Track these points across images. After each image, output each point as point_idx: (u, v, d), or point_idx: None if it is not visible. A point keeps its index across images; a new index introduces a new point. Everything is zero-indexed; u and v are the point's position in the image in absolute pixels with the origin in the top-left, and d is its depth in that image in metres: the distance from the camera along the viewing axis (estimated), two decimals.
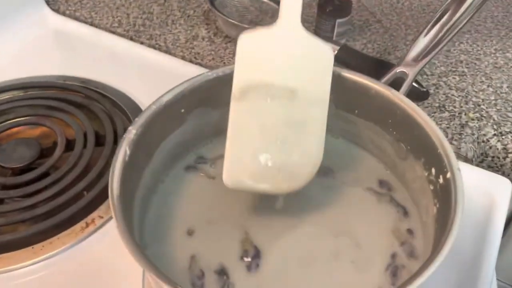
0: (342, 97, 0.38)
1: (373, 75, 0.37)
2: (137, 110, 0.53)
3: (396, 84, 0.38)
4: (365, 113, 0.38)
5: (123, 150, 0.32)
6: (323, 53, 0.34)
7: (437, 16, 0.40)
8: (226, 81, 0.38)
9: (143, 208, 0.35)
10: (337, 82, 0.37)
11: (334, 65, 0.35)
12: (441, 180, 0.31)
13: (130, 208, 0.32)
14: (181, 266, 0.32)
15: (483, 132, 0.53)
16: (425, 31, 0.40)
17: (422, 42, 0.39)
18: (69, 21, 0.69)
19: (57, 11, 0.71)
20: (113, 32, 0.67)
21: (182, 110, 0.37)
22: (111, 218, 0.43)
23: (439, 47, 0.39)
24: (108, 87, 0.57)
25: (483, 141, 0.52)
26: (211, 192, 0.37)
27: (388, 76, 0.38)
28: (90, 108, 0.53)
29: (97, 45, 0.66)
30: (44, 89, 0.57)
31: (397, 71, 0.38)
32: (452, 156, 0.30)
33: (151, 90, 0.40)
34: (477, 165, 0.51)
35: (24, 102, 0.55)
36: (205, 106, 0.39)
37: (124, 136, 0.32)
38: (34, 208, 0.43)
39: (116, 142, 0.49)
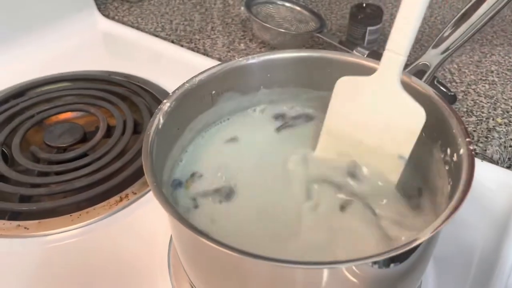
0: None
1: None
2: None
3: (418, 75, 0.40)
4: None
5: (157, 119, 0.35)
6: (415, 114, 0.34)
7: (459, 14, 0.42)
8: (258, 68, 0.41)
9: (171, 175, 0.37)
10: (360, 72, 0.39)
11: (356, 55, 0.37)
12: (455, 158, 0.32)
13: (160, 170, 0.34)
14: None
15: (510, 137, 0.53)
16: (448, 27, 0.41)
17: (445, 37, 0.41)
18: (117, 25, 0.75)
19: (107, 16, 0.77)
20: (156, 36, 0.72)
21: (213, 92, 0.40)
22: (144, 194, 0.46)
23: (460, 42, 0.40)
24: (148, 82, 0.61)
25: (510, 146, 0.52)
26: None
27: (411, 67, 0.40)
28: (132, 99, 0.57)
29: (141, 46, 0.71)
30: (91, 81, 0.62)
31: (420, 63, 0.40)
32: (465, 133, 0.31)
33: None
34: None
35: (72, 91, 0.60)
36: (235, 90, 0.41)
37: (159, 107, 0.36)
38: (74, 182, 0.47)
39: None
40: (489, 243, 0.43)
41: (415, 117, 0.34)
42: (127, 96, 0.58)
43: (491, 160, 0.51)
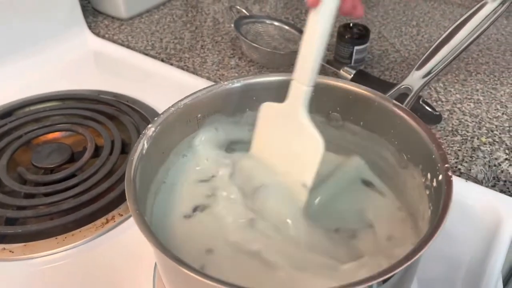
0: (348, 109, 0.41)
1: None
2: None
3: (401, 99, 0.41)
4: (370, 125, 0.40)
5: (141, 144, 0.35)
6: (315, 144, 0.35)
7: (441, 39, 0.42)
8: (242, 91, 0.41)
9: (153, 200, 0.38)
10: (343, 95, 0.40)
11: (344, 79, 0.38)
12: (435, 183, 0.32)
13: (143, 196, 0.34)
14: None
15: (494, 156, 0.53)
16: (429, 51, 0.42)
17: (426, 61, 0.42)
18: (107, 44, 0.75)
19: (97, 34, 0.77)
20: (146, 54, 0.73)
21: (199, 115, 0.40)
22: (130, 216, 0.46)
23: (442, 66, 0.41)
24: (138, 101, 0.61)
25: (495, 165, 0.53)
26: None
27: (393, 90, 0.40)
28: (120, 119, 0.58)
29: (130, 65, 0.71)
30: (80, 101, 0.62)
31: (402, 86, 0.41)
32: (444, 158, 0.32)
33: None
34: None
35: (60, 111, 0.60)
36: (221, 113, 0.42)
37: (143, 132, 0.36)
38: (60, 204, 0.46)
39: None
40: (475, 262, 0.43)
41: (315, 147, 0.35)
42: (116, 115, 0.58)
43: (475, 180, 0.51)
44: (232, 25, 0.77)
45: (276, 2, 0.88)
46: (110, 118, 0.58)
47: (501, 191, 0.52)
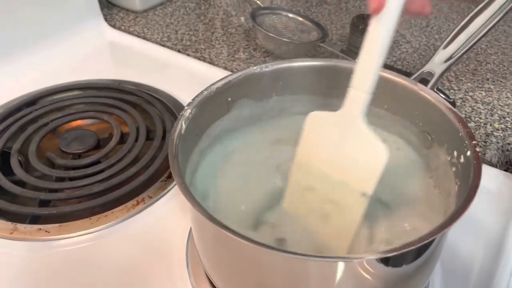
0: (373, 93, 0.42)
1: None
2: (179, 109, 0.58)
3: (423, 83, 0.42)
4: (394, 108, 0.42)
5: (180, 124, 0.37)
6: (378, 153, 0.34)
7: (460, 26, 0.44)
8: (270, 76, 0.43)
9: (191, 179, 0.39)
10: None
11: None
12: (462, 160, 0.34)
13: (183, 173, 0.36)
14: None
15: (507, 141, 0.55)
16: (449, 38, 0.44)
17: (447, 47, 0.43)
18: (124, 35, 0.77)
19: (113, 26, 0.79)
20: (163, 46, 0.74)
21: (229, 99, 0.42)
22: (159, 198, 0.48)
23: (462, 52, 0.43)
24: (158, 90, 0.63)
25: (508, 150, 0.55)
26: None
27: (416, 74, 0.42)
28: (143, 107, 0.59)
29: (148, 56, 0.72)
30: (102, 90, 0.63)
31: (424, 71, 0.42)
32: (471, 136, 0.33)
33: (192, 95, 0.45)
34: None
35: (83, 99, 0.61)
36: (249, 97, 0.43)
37: (181, 113, 0.37)
38: (91, 187, 0.48)
39: (164, 137, 0.54)
40: (492, 238, 0.45)
41: (378, 155, 0.34)
42: (139, 103, 0.60)
43: (490, 163, 0.53)
44: (243, 18, 0.79)
45: None
46: (133, 106, 0.59)
47: None
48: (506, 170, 0.55)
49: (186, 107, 0.38)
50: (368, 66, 0.33)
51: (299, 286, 0.31)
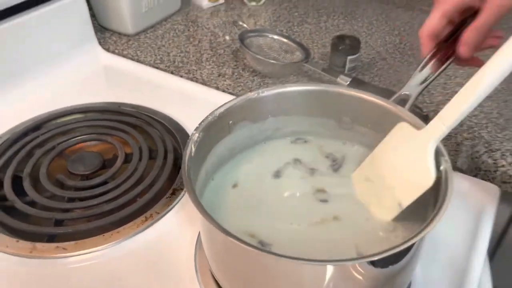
0: (358, 114, 0.48)
1: None
2: (181, 131, 0.63)
3: (401, 103, 0.48)
4: (377, 126, 0.47)
5: (190, 148, 0.41)
6: (427, 177, 0.39)
7: (433, 51, 0.50)
8: (266, 100, 0.48)
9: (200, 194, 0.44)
10: (354, 102, 0.47)
11: (353, 87, 0.45)
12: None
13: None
14: None
15: (475, 150, 0.62)
16: (424, 62, 0.50)
17: (422, 70, 0.49)
18: (117, 58, 0.81)
19: (107, 50, 0.83)
20: (156, 68, 0.79)
21: (230, 122, 0.47)
22: (165, 213, 0.52)
23: (435, 75, 0.49)
24: (156, 111, 0.67)
25: (476, 157, 0.61)
26: None
27: (395, 96, 0.48)
28: (143, 128, 0.63)
29: (143, 78, 0.77)
30: (102, 112, 0.67)
31: (402, 93, 0.48)
32: (444, 152, 0.39)
33: (191, 115, 0.50)
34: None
35: (86, 123, 0.65)
36: (248, 119, 0.48)
37: (190, 137, 0.42)
38: (102, 205, 0.52)
39: (166, 156, 0.59)
40: (465, 235, 0.51)
41: (426, 180, 0.39)
42: (139, 125, 0.64)
43: (461, 170, 0.59)
44: (227, 37, 0.84)
45: (269, 15, 0.95)
46: (133, 127, 0.63)
47: (482, 179, 0.61)
48: (475, 176, 0.61)
49: (194, 132, 0.43)
50: (459, 106, 0.39)
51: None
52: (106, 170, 0.57)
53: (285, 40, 0.78)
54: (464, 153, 0.61)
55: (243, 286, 0.41)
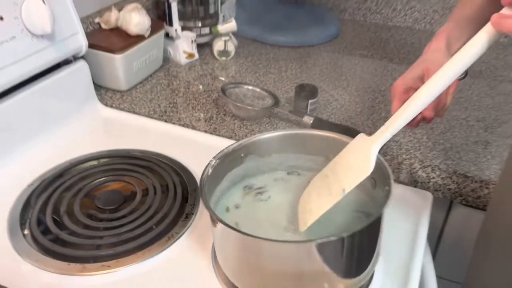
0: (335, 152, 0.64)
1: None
2: (183, 168, 0.78)
3: None
4: None
5: (207, 170, 0.56)
6: (366, 167, 0.52)
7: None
8: (269, 141, 0.64)
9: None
10: (337, 143, 0.63)
11: (316, 124, 0.62)
12: (386, 188, 0.56)
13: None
14: None
15: (413, 167, 0.81)
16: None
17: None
18: (116, 112, 0.95)
19: (106, 105, 0.97)
20: (151, 117, 0.93)
21: (242, 154, 0.62)
22: (183, 233, 0.66)
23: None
24: (159, 154, 0.82)
25: (414, 172, 0.80)
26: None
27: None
28: (152, 168, 0.78)
29: (141, 127, 0.91)
30: (113, 158, 0.81)
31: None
32: (391, 176, 0.56)
33: (188, 155, 0.64)
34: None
35: (102, 167, 0.78)
36: (256, 154, 0.64)
37: (209, 162, 0.57)
38: (132, 231, 0.65)
39: (175, 190, 0.73)
40: (406, 235, 0.68)
41: (365, 169, 0.52)
42: (148, 166, 0.78)
43: (403, 183, 0.78)
44: (201, 86, 1.00)
45: (238, 68, 1.13)
46: (144, 168, 0.78)
47: (420, 188, 0.80)
48: (414, 186, 0.80)
49: (212, 158, 0.58)
50: (394, 122, 0.53)
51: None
52: (128, 204, 0.71)
53: (257, 89, 0.96)
54: (404, 169, 0.80)
55: (244, 273, 0.55)
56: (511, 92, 1.03)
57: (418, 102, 0.52)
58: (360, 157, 0.54)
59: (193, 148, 0.84)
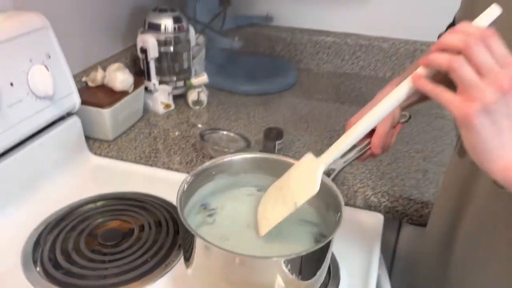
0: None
1: None
2: (173, 206, 0.90)
3: (328, 174, 0.74)
4: None
5: (183, 185, 0.67)
6: (314, 186, 0.61)
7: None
8: (238, 162, 0.76)
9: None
10: (278, 164, 0.78)
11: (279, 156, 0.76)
12: (338, 214, 0.71)
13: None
14: None
15: (366, 193, 0.96)
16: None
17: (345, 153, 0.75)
18: (105, 159, 1.06)
19: (95, 154, 1.08)
20: (138, 163, 1.05)
21: (213, 173, 0.74)
22: (178, 260, 0.77)
23: (354, 158, 0.73)
24: (150, 194, 0.93)
25: (367, 198, 0.96)
26: None
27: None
28: (145, 207, 0.89)
29: (128, 172, 1.02)
30: (109, 200, 0.91)
31: (330, 168, 0.76)
32: (342, 205, 0.69)
33: (174, 194, 0.74)
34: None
35: (99, 209, 0.89)
36: (226, 173, 0.75)
37: (184, 179, 0.69)
38: (134, 261, 0.76)
39: (168, 225, 0.84)
40: (362, 252, 0.83)
41: (314, 188, 0.61)
42: (141, 205, 0.89)
43: (359, 207, 0.93)
44: (177, 132, 1.14)
45: (211, 115, 1.28)
46: (138, 207, 0.89)
47: (373, 211, 0.95)
48: (369, 210, 0.95)
49: (186, 176, 0.69)
50: (339, 146, 0.62)
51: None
52: (127, 239, 0.81)
53: (231, 133, 1.10)
54: (359, 196, 0.95)
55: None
56: (443, 127, 1.23)
57: (357, 132, 0.61)
58: (308, 175, 0.63)
59: (178, 187, 0.96)
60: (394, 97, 0.56)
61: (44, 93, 0.87)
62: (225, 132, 1.10)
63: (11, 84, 0.82)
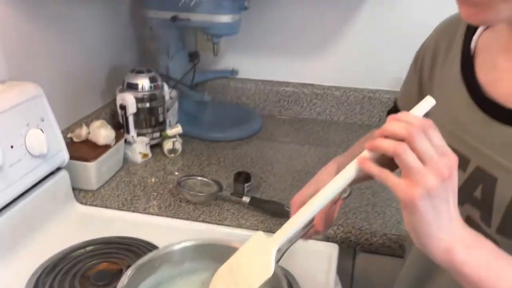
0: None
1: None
2: (154, 247, 1.01)
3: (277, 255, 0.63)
4: None
5: (123, 280, 0.76)
6: (267, 270, 0.58)
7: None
8: (181, 251, 0.87)
9: None
10: (226, 249, 0.92)
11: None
12: None
13: None
14: None
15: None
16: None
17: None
18: (90, 208, 1.17)
19: (81, 203, 1.19)
20: (121, 210, 1.17)
21: (157, 264, 0.84)
22: None
23: (298, 238, 0.78)
24: (135, 238, 1.05)
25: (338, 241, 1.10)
26: None
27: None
28: (130, 249, 1.00)
29: (112, 218, 1.14)
30: (98, 244, 1.03)
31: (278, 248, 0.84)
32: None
33: (158, 236, 0.86)
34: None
35: (90, 253, 1.00)
36: (170, 263, 0.85)
37: (125, 272, 0.80)
38: None
39: None
40: (322, 271, 0.97)
41: (268, 271, 0.59)
42: (127, 248, 1.01)
43: (318, 239, 1.08)
44: (153, 179, 1.27)
45: (185, 162, 1.41)
46: (124, 249, 1.00)
47: (330, 242, 1.09)
48: (327, 241, 1.10)
49: (128, 269, 0.79)
50: (292, 225, 0.60)
51: None
52: (117, 278, 0.92)
53: (204, 179, 1.24)
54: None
55: None
56: None
57: (311, 210, 0.59)
58: (261, 257, 0.61)
59: (159, 230, 1.08)
60: (343, 177, 0.57)
61: (39, 152, 0.99)
62: (199, 178, 1.24)
63: (11, 147, 0.94)
